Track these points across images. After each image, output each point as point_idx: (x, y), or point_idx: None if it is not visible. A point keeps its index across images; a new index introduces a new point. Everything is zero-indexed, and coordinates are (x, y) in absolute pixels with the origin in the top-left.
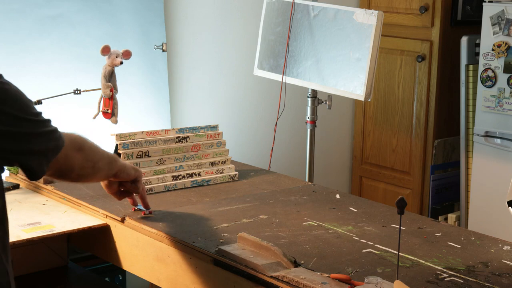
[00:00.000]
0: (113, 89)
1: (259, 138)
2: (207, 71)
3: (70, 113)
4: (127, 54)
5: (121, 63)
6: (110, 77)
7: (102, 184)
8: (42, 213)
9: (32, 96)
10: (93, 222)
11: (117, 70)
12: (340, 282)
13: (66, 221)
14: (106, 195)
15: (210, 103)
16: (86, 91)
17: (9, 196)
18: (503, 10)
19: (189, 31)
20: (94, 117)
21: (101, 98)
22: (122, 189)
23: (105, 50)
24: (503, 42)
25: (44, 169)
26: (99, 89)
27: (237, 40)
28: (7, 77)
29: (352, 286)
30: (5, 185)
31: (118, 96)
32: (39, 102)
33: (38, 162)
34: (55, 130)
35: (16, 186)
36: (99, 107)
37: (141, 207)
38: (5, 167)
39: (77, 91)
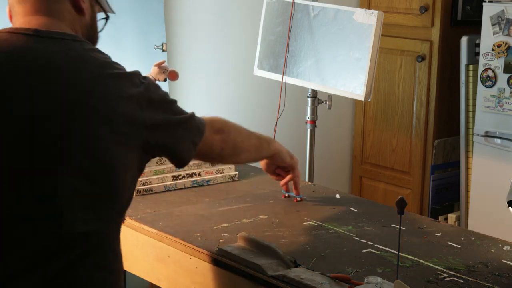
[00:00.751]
0: None
1: None
2: (207, 71)
3: None
4: (173, 75)
5: (165, 80)
6: None
7: (261, 163)
8: None
9: None
10: None
11: None
12: (340, 282)
13: None
14: None
15: (210, 103)
16: None
17: None
18: (503, 10)
19: (189, 31)
20: None
21: None
22: (277, 172)
23: (160, 63)
24: (503, 42)
25: (192, 154)
26: None
27: (237, 40)
28: None
29: (352, 286)
30: None
31: None
32: None
33: (187, 148)
34: (193, 115)
35: None
36: None
37: (293, 194)
38: None
39: None
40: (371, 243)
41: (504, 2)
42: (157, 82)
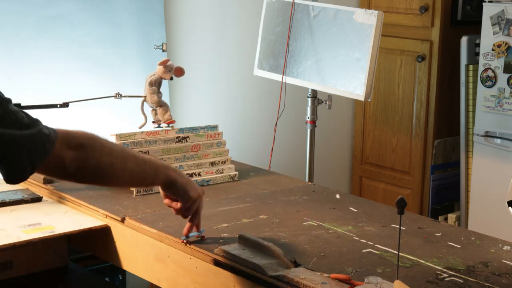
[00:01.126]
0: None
1: (259, 138)
2: (207, 71)
3: (71, 112)
4: (179, 72)
5: (171, 78)
6: (157, 84)
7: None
8: (42, 214)
9: (32, 96)
10: (94, 223)
11: (118, 70)
12: (340, 282)
13: (67, 222)
14: (106, 195)
15: (210, 103)
16: (128, 96)
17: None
18: (503, 10)
19: (189, 31)
20: (141, 127)
21: (143, 104)
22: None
23: (164, 62)
24: (503, 42)
25: (27, 176)
26: (143, 96)
27: (237, 40)
28: (7, 77)
29: (352, 286)
30: (22, 196)
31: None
32: (66, 104)
33: (20, 168)
34: (39, 127)
35: (38, 199)
36: (144, 114)
37: (193, 234)
38: None
39: (118, 96)
40: (371, 243)
41: (504, 2)
42: (164, 81)
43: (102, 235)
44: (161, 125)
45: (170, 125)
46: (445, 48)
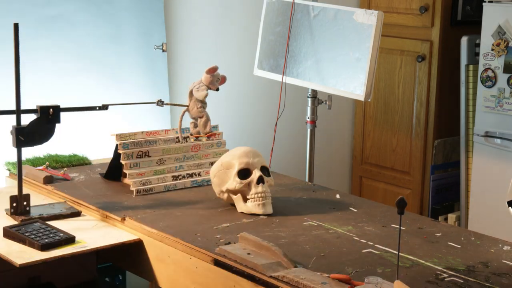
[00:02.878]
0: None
1: (259, 138)
2: None
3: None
4: (223, 80)
5: (217, 89)
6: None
7: None
8: (72, 228)
9: (32, 96)
10: (126, 238)
11: (118, 70)
12: (340, 282)
13: (97, 236)
14: (106, 195)
15: (210, 103)
16: (171, 104)
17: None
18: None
19: (189, 31)
20: (179, 140)
21: (183, 115)
22: None
23: (212, 70)
24: (503, 40)
25: None
26: (185, 105)
27: (237, 40)
28: (7, 77)
29: (352, 286)
30: (60, 210)
31: (120, 98)
32: (105, 107)
33: None
34: None
35: (76, 213)
36: (180, 125)
37: None
38: (5, 167)
39: (160, 103)
40: (371, 243)
41: (504, 2)
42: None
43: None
44: (200, 138)
45: (211, 138)
46: (445, 48)
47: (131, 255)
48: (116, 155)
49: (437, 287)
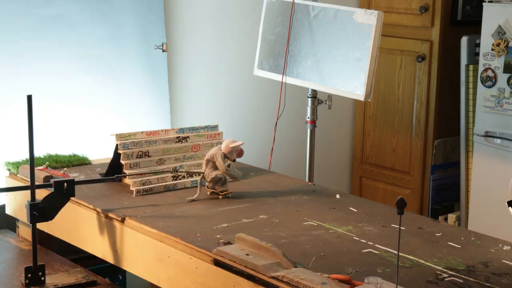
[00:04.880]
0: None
1: (259, 138)
2: (207, 71)
3: (72, 111)
4: (240, 153)
5: (234, 160)
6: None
7: None
8: None
9: (32, 96)
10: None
11: (118, 70)
12: (340, 283)
13: None
14: (106, 195)
15: (210, 103)
16: (187, 172)
17: None
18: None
19: (189, 31)
20: (194, 199)
21: (200, 180)
22: None
23: (236, 146)
24: (503, 40)
25: None
26: (201, 172)
27: (237, 40)
28: (7, 76)
29: (352, 286)
30: (75, 279)
31: (120, 98)
32: (118, 178)
33: None
34: None
35: (92, 283)
36: (199, 189)
37: None
38: (5, 167)
39: (174, 171)
40: (371, 243)
41: (504, 2)
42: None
43: (102, 235)
44: (215, 192)
45: (227, 194)
46: (445, 48)
47: (131, 255)
48: (116, 155)
49: (437, 287)
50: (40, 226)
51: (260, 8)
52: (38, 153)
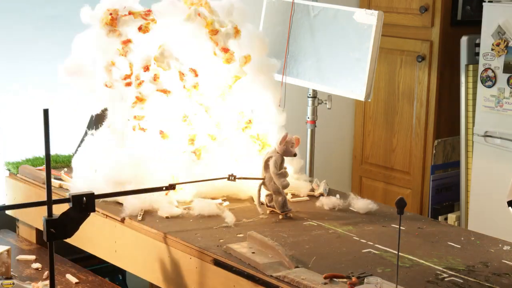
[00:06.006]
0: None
1: None
2: None
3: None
4: (297, 142)
5: (295, 155)
6: (280, 165)
7: None
8: None
9: (32, 96)
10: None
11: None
12: (340, 282)
13: None
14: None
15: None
16: (243, 178)
17: None
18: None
19: None
20: (261, 211)
21: (260, 189)
22: None
23: (284, 140)
24: (503, 40)
25: None
26: (261, 178)
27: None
28: (7, 76)
29: (352, 286)
30: None
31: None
32: (172, 186)
33: None
34: None
35: None
36: (259, 197)
37: None
38: (5, 167)
39: (231, 178)
40: (371, 243)
41: (504, 2)
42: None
43: (102, 235)
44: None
45: (288, 215)
46: (445, 48)
47: (131, 255)
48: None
49: (437, 287)
50: (40, 226)
51: (260, 8)
52: (38, 153)
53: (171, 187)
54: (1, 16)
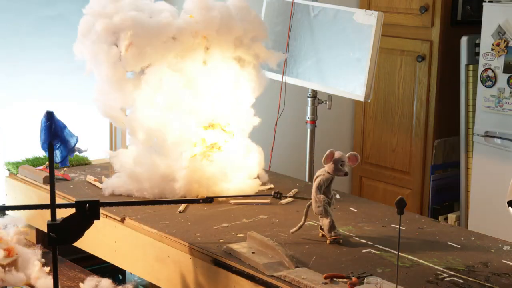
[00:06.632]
0: (324, 200)
1: (259, 138)
2: None
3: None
4: (354, 159)
5: (346, 174)
6: (327, 186)
7: None
8: None
9: (32, 96)
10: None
11: None
12: (340, 282)
13: None
14: (106, 195)
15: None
16: (290, 197)
17: None
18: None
19: None
20: (295, 231)
21: (307, 209)
22: None
23: (329, 158)
24: (503, 40)
25: None
26: (308, 198)
27: None
28: (7, 76)
29: (352, 286)
30: None
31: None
32: (209, 199)
33: None
34: None
35: None
36: (305, 217)
37: None
38: (5, 167)
39: (277, 195)
40: (371, 243)
41: (504, 2)
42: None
43: (102, 235)
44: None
45: (336, 240)
46: (445, 48)
47: (131, 255)
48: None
49: (437, 287)
50: (39, 226)
51: (260, 8)
52: (38, 153)
53: (208, 199)
54: (1, 16)
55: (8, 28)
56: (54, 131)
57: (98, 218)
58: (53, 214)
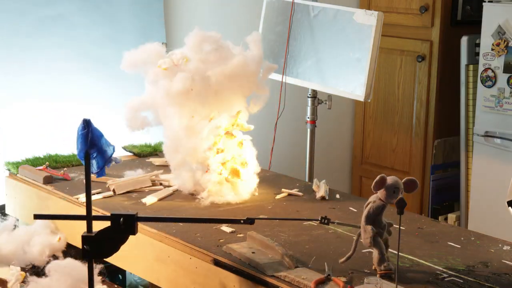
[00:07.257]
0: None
1: (259, 138)
2: None
3: (71, 110)
4: (412, 187)
5: (401, 201)
6: (377, 214)
7: None
8: None
9: (32, 95)
10: None
11: (118, 70)
12: (339, 282)
13: None
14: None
15: None
16: (338, 223)
17: None
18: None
19: (189, 31)
20: (343, 261)
21: (358, 238)
22: None
23: (381, 184)
24: (503, 39)
25: None
26: (357, 226)
27: (237, 40)
28: (7, 76)
29: (352, 286)
30: None
31: (120, 97)
32: (250, 220)
33: None
34: None
35: None
36: (355, 246)
37: None
38: (5, 167)
39: (324, 220)
40: None
41: (504, 2)
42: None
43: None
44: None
45: (387, 274)
46: (445, 48)
47: (131, 255)
48: None
49: (437, 287)
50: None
51: (260, 8)
52: (38, 153)
53: (249, 221)
54: (1, 16)
55: (8, 28)
56: (91, 140)
57: (133, 233)
58: (89, 226)
